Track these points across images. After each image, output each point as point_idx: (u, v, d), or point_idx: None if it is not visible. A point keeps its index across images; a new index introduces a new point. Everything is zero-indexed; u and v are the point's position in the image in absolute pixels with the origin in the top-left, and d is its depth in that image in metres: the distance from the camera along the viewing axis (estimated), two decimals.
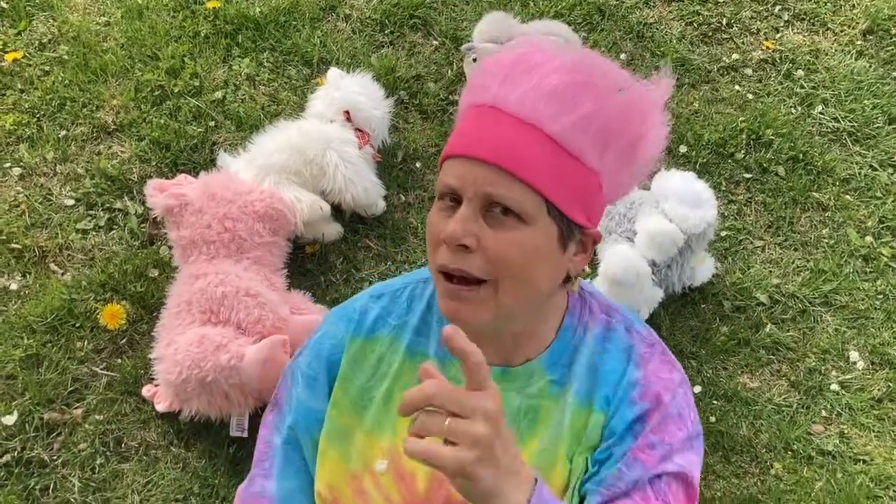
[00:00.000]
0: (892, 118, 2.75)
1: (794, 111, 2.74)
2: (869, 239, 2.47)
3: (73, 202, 2.31)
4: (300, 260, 2.26)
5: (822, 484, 2.01)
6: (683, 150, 2.58)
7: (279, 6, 2.77)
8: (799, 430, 2.09)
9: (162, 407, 1.94)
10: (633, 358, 1.09)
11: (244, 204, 2.07)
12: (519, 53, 1.00)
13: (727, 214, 2.49)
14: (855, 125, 2.72)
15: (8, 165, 2.37)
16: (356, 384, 1.14)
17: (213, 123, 2.49)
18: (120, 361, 2.05)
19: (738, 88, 2.79)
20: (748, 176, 2.57)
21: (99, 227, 2.27)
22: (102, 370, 2.04)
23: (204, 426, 1.94)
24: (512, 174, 0.94)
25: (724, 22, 2.96)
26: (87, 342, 2.07)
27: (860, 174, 2.61)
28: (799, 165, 2.61)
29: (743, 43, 2.92)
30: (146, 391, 1.99)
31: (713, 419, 2.10)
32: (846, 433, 2.11)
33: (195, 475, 1.90)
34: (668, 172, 2.24)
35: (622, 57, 2.80)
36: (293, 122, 2.33)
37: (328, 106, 2.32)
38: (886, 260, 2.43)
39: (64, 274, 2.18)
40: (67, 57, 2.60)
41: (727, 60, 2.86)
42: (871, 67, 2.88)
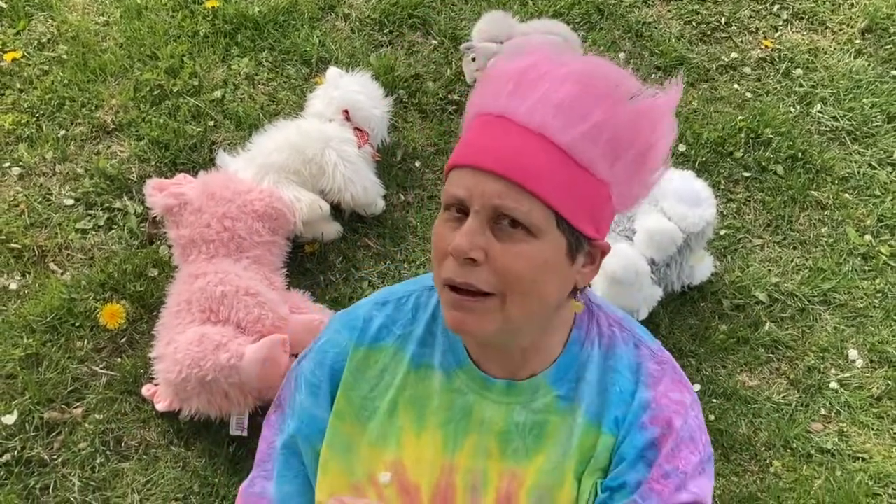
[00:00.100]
0: (890, 117, 2.75)
1: (792, 110, 2.75)
2: (868, 237, 2.47)
3: (72, 202, 2.31)
4: (299, 259, 2.27)
5: (821, 482, 2.01)
6: (682, 148, 2.59)
7: (278, 6, 2.77)
8: (798, 428, 2.10)
9: (162, 406, 1.94)
10: (642, 377, 1.07)
11: (243, 203, 2.07)
12: (527, 62, 0.99)
13: (726, 213, 2.49)
14: (854, 124, 2.72)
15: (7, 165, 2.37)
16: (359, 394, 1.13)
17: (212, 123, 2.49)
18: (120, 361, 2.05)
19: (736, 87, 2.79)
20: (747, 174, 2.58)
21: (98, 226, 2.27)
22: (102, 369, 2.04)
23: (204, 425, 1.94)
24: (521, 186, 0.92)
25: (722, 21, 2.96)
26: (86, 341, 2.07)
27: (859, 173, 2.62)
28: (798, 164, 2.61)
29: (742, 42, 2.93)
30: (146, 390, 1.99)
31: (712, 417, 2.10)
32: (845, 431, 2.11)
33: (195, 474, 1.90)
34: (667, 171, 2.24)
35: (621, 56, 2.80)
36: (292, 121, 2.33)
37: (327, 105, 2.32)
38: (885, 258, 2.43)
39: (63, 273, 2.18)
40: (66, 56, 2.60)
41: (726, 59, 2.86)
42: (869, 66, 2.88)
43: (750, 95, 2.77)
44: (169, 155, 2.40)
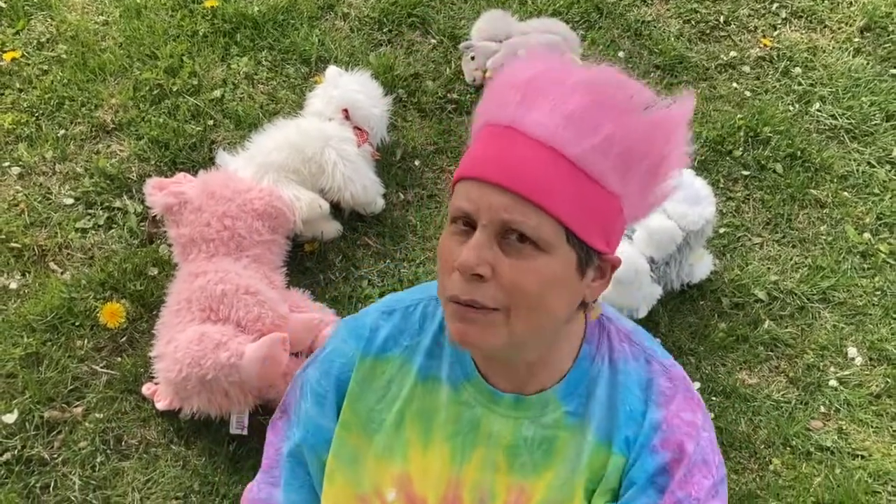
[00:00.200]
0: (889, 115, 2.75)
1: (791, 108, 2.75)
2: (867, 235, 2.47)
3: (72, 201, 2.31)
4: (299, 258, 2.27)
5: (820, 479, 2.02)
6: None
7: (277, 5, 2.77)
8: (797, 426, 2.10)
9: (162, 405, 1.94)
10: (652, 395, 1.05)
11: (243, 202, 2.07)
12: (535, 70, 0.95)
13: (725, 211, 2.49)
14: (852, 122, 2.73)
15: (7, 164, 2.37)
16: (365, 405, 1.12)
17: (211, 122, 2.49)
18: (120, 360, 2.05)
19: (735, 86, 2.79)
20: (746, 173, 2.58)
21: (98, 225, 2.28)
22: (102, 368, 2.04)
23: (204, 424, 1.94)
24: (528, 199, 0.89)
25: (721, 19, 2.97)
26: (86, 340, 2.07)
27: (858, 171, 2.62)
28: (797, 162, 2.61)
29: (740, 40, 2.93)
30: (146, 389, 1.99)
31: (712, 415, 2.10)
32: (844, 429, 2.11)
33: (195, 473, 1.90)
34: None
35: (620, 55, 2.81)
36: (292, 120, 2.33)
37: (327, 104, 2.32)
38: (884, 256, 2.43)
39: (63, 273, 2.19)
40: (66, 56, 2.60)
41: (725, 58, 2.86)
42: (868, 65, 2.88)
43: (749, 94, 2.77)
44: (168, 154, 2.40)
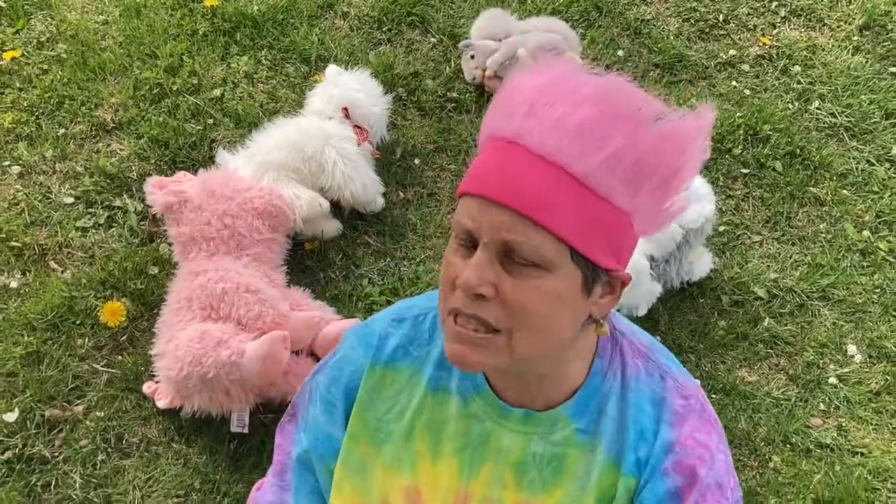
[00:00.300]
0: (888, 113, 2.76)
1: (791, 107, 2.75)
2: (866, 233, 2.48)
3: (72, 200, 2.31)
4: (300, 256, 2.27)
5: (820, 476, 2.02)
6: None
7: (277, 4, 2.77)
8: (797, 423, 2.10)
9: (163, 403, 1.94)
10: (665, 414, 1.02)
11: (243, 201, 2.07)
12: (543, 80, 0.91)
13: (725, 209, 2.50)
14: (852, 120, 2.73)
15: (7, 164, 2.37)
16: (374, 415, 1.11)
17: (211, 121, 2.49)
18: (120, 358, 2.05)
19: (735, 84, 2.80)
20: (746, 171, 2.58)
21: (98, 224, 2.28)
22: (103, 367, 2.04)
23: (205, 422, 1.94)
24: (530, 219, 0.86)
25: (720, 18, 2.97)
26: (87, 339, 2.07)
27: (857, 169, 2.62)
28: (796, 161, 2.62)
29: (740, 39, 2.93)
30: (147, 388, 1.99)
31: None
32: (844, 426, 2.12)
33: (196, 471, 1.91)
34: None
35: (619, 53, 2.81)
36: (292, 119, 2.33)
37: (326, 103, 2.33)
38: (883, 254, 2.43)
39: (64, 272, 2.19)
40: (66, 55, 2.60)
41: (724, 56, 2.86)
42: (867, 63, 2.89)
43: (748, 92, 2.78)
44: (168, 153, 2.41)
